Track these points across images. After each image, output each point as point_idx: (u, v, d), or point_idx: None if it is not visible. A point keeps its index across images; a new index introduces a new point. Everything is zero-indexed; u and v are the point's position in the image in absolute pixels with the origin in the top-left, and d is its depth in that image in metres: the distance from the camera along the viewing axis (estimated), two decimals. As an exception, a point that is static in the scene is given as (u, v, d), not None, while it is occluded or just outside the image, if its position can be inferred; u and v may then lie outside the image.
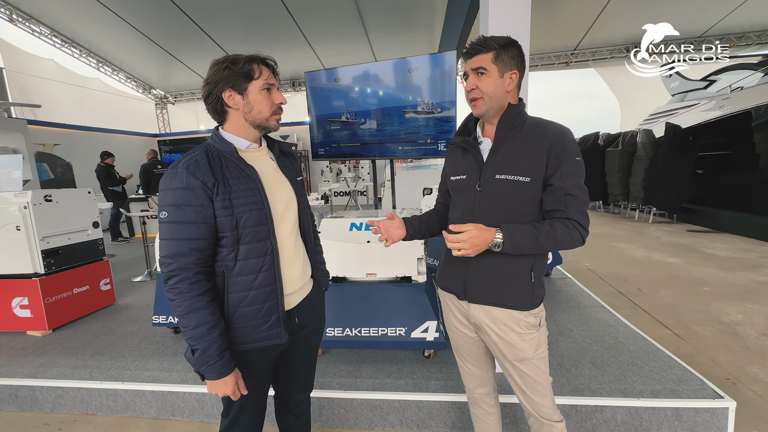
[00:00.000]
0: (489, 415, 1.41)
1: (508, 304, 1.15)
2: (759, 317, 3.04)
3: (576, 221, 1.06)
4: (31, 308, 2.90)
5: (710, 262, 4.58)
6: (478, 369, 1.36)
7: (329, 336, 2.24)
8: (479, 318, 1.20)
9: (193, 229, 0.99)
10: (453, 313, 1.30)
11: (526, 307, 1.15)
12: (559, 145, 1.07)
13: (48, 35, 9.14)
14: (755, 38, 9.69)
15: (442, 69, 3.06)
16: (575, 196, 1.06)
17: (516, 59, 1.11)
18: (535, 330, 1.17)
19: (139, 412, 2.14)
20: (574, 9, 8.63)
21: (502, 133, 1.13)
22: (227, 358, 1.02)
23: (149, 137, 11.62)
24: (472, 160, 1.18)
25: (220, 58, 1.06)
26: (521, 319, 1.15)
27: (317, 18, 8.64)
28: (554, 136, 1.09)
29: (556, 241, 1.05)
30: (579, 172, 1.08)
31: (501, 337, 1.17)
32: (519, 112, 1.13)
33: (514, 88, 1.13)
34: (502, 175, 1.10)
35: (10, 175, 2.94)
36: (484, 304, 1.18)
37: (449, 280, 1.28)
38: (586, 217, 1.07)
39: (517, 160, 1.10)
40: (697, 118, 7.34)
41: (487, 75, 1.10)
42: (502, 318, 1.16)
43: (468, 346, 1.32)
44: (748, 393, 2.11)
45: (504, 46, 1.10)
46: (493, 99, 1.11)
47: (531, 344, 1.16)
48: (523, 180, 1.08)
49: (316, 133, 3.56)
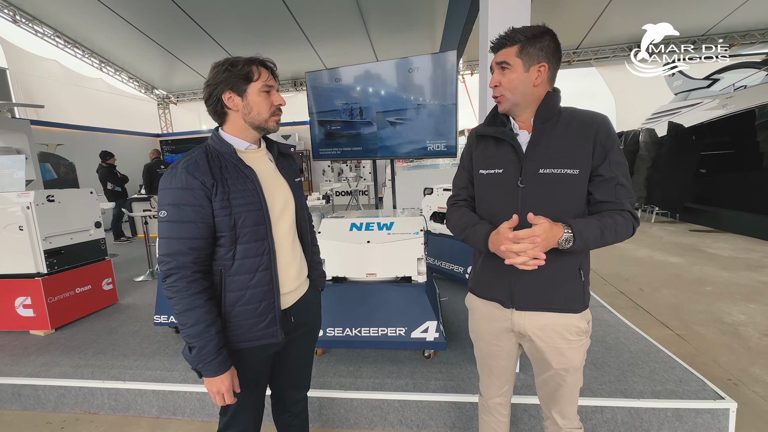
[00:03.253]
0: (500, 423, 1.35)
1: (561, 308, 1.08)
2: (761, 318, 3.02)
3: (630, 213, 1.01)
4: (33, 308, 2.92)
5: (713, 262, 4.56)
6: (501, 381, 1.30)
7: (329, 336, 2.25)
8: (527, 327, 1.12)
9: (191, 229, 1.00)
10: (489, 325, 1.21)
11: (578, 308, 1.09)
12: (604, 133, 1.02)
13: (51, 36, 9.18)
14: (759, 36, 9.62)
15: (443, 68, 3.06)
16: (626, 187, 1.02)
17: (546, 50, 1.02)
18: (585, 336, 1.11)
19: (140, 411, 2.15)
20: (576, 7, 8.59)
21: (540, 125, 1.06)
22: (224, 356, 1.03)
23: (152, 137, 11.66)
24: (509, 154, 1.09)
25: (220, 61, 1.07)
26: (573, 324, 1.08)
27: (319, 18, 8.65)
28: (598, 124, 1.03)
29: (617, 234, 0.99)
30: (625, 162, 1.03)
31: (549, 345, 1.10)
32: (557, 100, 1.07)
33: (543, 80, 1.04)
34: (547, 170, 1.03)
35: (14, 176, 2.96)
36: (534, 310, 1.10)
37: (490, 286, 1.17)
38: (633, 206, 1.04)
39: (562, 153, 1.03)
40: (700, 117, 7.30)
41: (511, 70, 1.03)
42: (552, 325, 1.09)
43: (499, 359, 1.24)
44: (750, 394, 2.10)
45: (532, 37, 1.02)
46: (518, 95, 1.05)
47: (579, 352, 1.11)
48: (572, 172, 1.02)
49: (317, 132, 3.57)
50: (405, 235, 2.27)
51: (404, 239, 2.25)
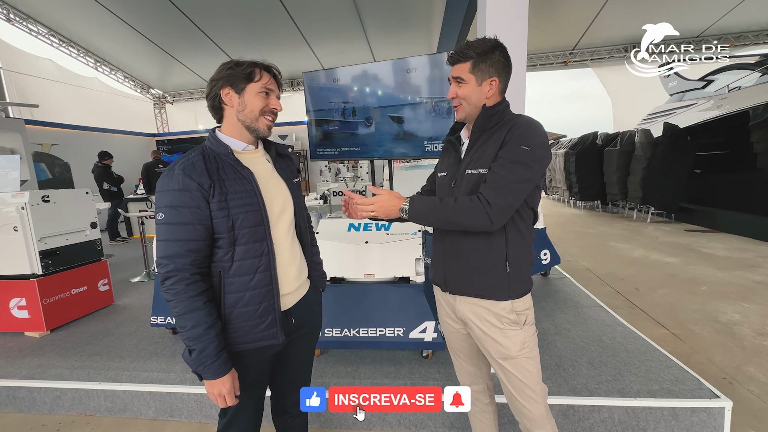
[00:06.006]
0: (484, 413, 1.41)
1: (483, 294, 1.16)
2: (756, 317, 3.05)
3: (483, 195, 1.04)
4: (28, 309, 2.89)
5: (708, 262, 4.60)
6: (470, 366, 1.37)
7: (328, 336, 2.24)
8: (464, 312, 1.21)
9: (189, 231, 1.00)
10: (444, 308, 1.32)
11: (501, 296, 1.14)
12: (512, 134, 1.08)
13: (45, 35, 9.10)
14: (753, 38, 9.71)
15: (440, 69, 3.06)
16: (494, 172, 1.06)
17: (496, 65, 1.11)
18: (518, 327, 1.15)
19: (137, 413, 2.14)
20: (573, 8, 8.64)
21: (477, 133, 1.16)
22: (224, 359, 1.02)
23: (147, 137, 11.57)
24: (453, 158, 1.24)
25: (227, 61, 1.10)
26: (501, 314, 1.15)
27: (316, 18, 8.63)
28: (513, 126, 1.09)
29: (456, 213, 1.06)
30: (513, 155, 1.05)
31: (484, 332, 1.18)
32: (494, 112, 1.14)
33: (494, 93, 1.14)
34: (470, 170, 1.14)
35: (8, 176, 2.93)
36: (462, 294, 1.21)
37: (434, 272, 1.31)
38: (497, 193, 1.03)
39: (483, 154, 1.12)
40: (695, 117, 7.35)
41: (465, 84, 1.13)
42: (483, 312, 1.17)
43: (459, 341, 1.34)
44: (745, 392, 2.12)
45: (483, 54, 1.10)
46: (472, 106, 1.15)
47: (514, 341, 1.15)
48: (483, 171, 1.10)
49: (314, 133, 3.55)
50: (403, 236, 2.27)
51: (402, 239, 2.26)
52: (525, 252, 1.18)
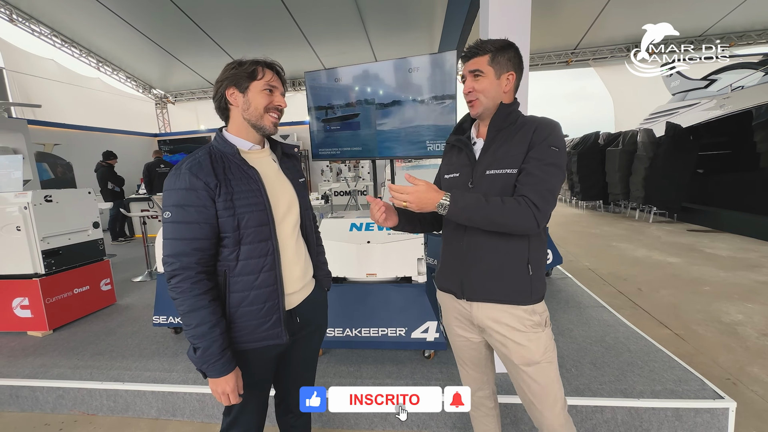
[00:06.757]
0: (488, 417, 1.40)
1: (506, 299, 1.12)
2: (759, 317, 3.03)
3: (529, 198, 1.02)
4: (31, 308, 2.90)
5: (711, 262, 4.58)
6: (478, 373, 1.34)
7: (330, 336, 2.24)
8: (482, 319, 1.17)
9: (195, 229, 1.01)
10: (454, 316, 1.27)
11: (525, 301, 1.12)
12: (539, 135, 1.08)
13: (48, 35, 9.13)
14: (756, 37, 9.68)
15: (442, 69, 3.06)
16: (533, 175, 1.05)
17: (513, 61, 1.13)
18: (541, 329, 1.13)
19: (139, 413, 2.14)
20: (575, 8, 8.62)
21: (494, 132, 1.14)
22: (228, 357, 1.03)
23: (149, 137, 11.60)
24: (464, 159, 1.20)
25: (231, 61, 1.11)
26: (524, 316, 1.12)
27: (317, 18, 8.64)
28: (539, 127, 1.09)
29: (504, 214, 1.02)
30: (546, 157, 1.05)
31: (507, 337, 1.13)
32: (511, 111, 1.14)
33: (511, 88, 1.15)
34: (492, 171, 1.11)
35: (11, 176, 2.94)
36: (482, 301, 1.16)
37: (447, 278, 1.25)
38: (542, 197, 1.02)
39: (507, 155, 1.10)
40: (698, 117, 7.33)
41: (484, 77, 1.12)
42: (504, 317, 1.13)
43: (469, 351, 1.29)
44: (749, 393, 2.11)
45: (500, 48, 1.11)
46: (490, 100, 1.13)
47: (538, 345, 1.12)
48: (511, 172, 1.08)
49: (316, 133, 3.56)
50: (405, 236, 2.27)
51: (404, 239, 2.25)
52: (543, 253, 1.17)
